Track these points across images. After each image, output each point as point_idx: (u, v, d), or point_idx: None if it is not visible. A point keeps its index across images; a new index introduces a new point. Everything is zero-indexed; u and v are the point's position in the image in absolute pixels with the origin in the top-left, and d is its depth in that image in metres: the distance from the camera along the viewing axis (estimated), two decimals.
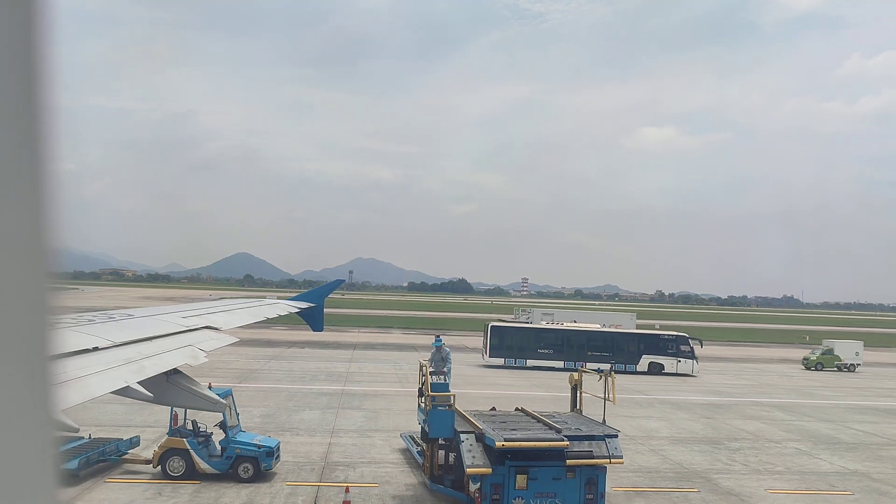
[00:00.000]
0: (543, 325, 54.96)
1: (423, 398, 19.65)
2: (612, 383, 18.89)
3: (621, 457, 17.47)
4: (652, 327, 69.40)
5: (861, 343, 61.55)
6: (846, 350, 59.22)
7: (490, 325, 53.55)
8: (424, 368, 20.10)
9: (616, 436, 17.76)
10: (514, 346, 51.68)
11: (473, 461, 16.75)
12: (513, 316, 64.83)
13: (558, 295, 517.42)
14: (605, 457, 17.16)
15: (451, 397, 18.69)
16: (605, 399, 18.91)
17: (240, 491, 18.46)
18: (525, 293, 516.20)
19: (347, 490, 17.49)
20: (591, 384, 20.43)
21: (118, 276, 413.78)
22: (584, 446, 17.24)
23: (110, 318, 8.75)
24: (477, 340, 57.76)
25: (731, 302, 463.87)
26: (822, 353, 60.13)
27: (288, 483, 19.45)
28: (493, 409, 21.56)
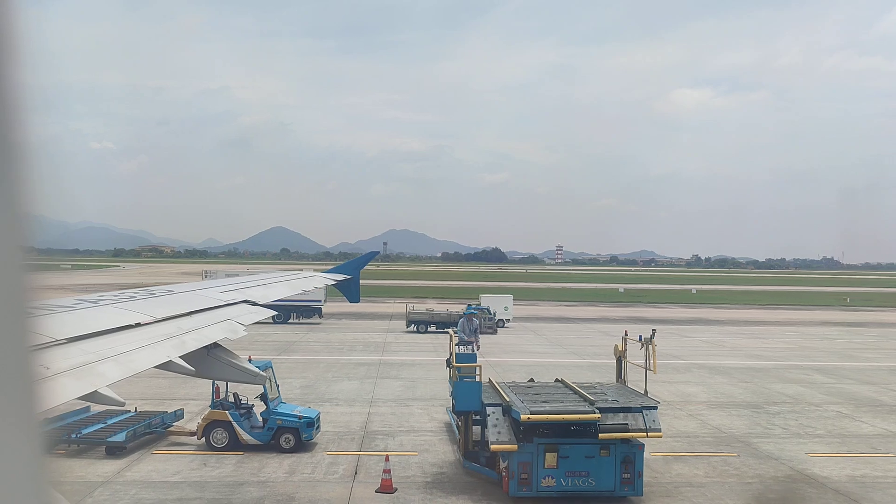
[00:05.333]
0: None
1: (451, 369, 19.05)
2: (654, 351, 17.86)
3: (659, 430, 16.30)
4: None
5: (510, 297, 59.38)
6: (496, 304, 56.15)
7: None
8: (453, 339, 19.55)
9: (655, 407, 16.59)
10: None
11: (498, 437, 15.85)
12: (201, 277, 64.09)
13: (593, 262, 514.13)
14: (641, 430, 16.02)
15: (478, 368, 17.84)
16: (646, 368, 18.05)
17: (282, 461, 18.80)
18: (560, 261, 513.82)
19: (387, 459, 17.69)
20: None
21: (157, 253, 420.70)
22: (619, 419, 16.07)
23: (151, 294, 8.90)
24: (513, 309, 57.64)
25: (769, 265, 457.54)
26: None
27: (329, 453, 19.74)
28: (532, 379, 21.11)
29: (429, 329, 51.83)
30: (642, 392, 17.84)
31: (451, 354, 18.93)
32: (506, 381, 19.80)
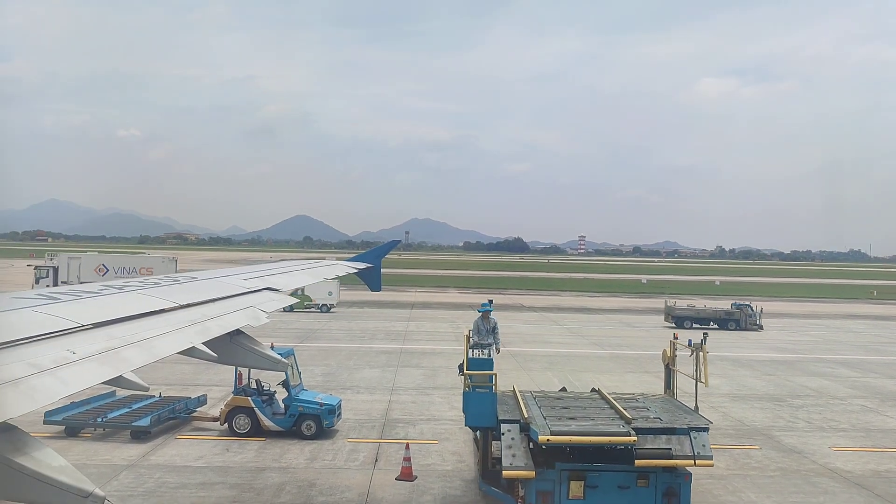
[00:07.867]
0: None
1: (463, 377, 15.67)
2: (704, 359, 15.37)
3: (710, 457, 13.44)
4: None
5: (337, 283, 56.22)
6: (318, 290, 54.84)
7: None
8: (468, 340, 16.54)
9: (706, 429, 13.84)
10: None
11: (513, 461, 13.25)
12: (45, 260, 63.33)
13: (616, 252, 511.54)
14: (688, 457, 13.27)
15: (493, 377, 14.90)
16: (696, 379, 15.56)
17: (303, 448, 18.96)
18: (582, 251, 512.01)
19: (407, 447, 17.77)
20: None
21: (182, 240, 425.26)
22: (661, 442, 13.38)
23: (175, 280, 8.98)
24: (535, 299, 57.62)
25: (795, 257, 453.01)
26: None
27: (349, 440, 19.87)
28: (563, 389, 18.80)
29: (693, 326, 49.93)
30: (692, 408, 15.29)
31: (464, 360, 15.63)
32: (531, 391, 17.49)
